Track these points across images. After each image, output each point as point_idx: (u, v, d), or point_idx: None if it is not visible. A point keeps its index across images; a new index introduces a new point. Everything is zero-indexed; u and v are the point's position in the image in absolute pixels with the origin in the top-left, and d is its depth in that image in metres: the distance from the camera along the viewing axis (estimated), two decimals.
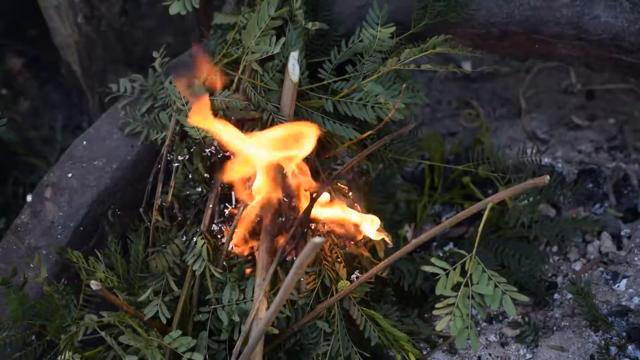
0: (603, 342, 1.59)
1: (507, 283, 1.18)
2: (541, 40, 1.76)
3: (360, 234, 1.52)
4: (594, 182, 2.05)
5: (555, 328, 1.69)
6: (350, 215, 1.51)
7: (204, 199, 1.61)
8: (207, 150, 1.56)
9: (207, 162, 1.60)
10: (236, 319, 1.42)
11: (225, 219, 1.57)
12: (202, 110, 1.43)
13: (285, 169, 1.49)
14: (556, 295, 1.77)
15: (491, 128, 2.34)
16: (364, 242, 1.56)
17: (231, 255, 1.54)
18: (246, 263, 1.53)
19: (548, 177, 1.22)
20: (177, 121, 1.61)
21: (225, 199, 1.60)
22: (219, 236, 1.55)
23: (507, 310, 1.16)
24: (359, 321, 1.48)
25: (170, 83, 1.64)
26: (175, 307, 1.49)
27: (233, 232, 1.52)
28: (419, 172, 2.18)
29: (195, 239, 1.52)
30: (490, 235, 1.85)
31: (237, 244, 1.54)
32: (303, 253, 1.03)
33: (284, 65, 1.57)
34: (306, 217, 1.50)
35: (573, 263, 1.85)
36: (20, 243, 1.60)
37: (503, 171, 1.70)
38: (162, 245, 1.56)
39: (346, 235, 1.55)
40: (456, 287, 1.19)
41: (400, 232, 1.96)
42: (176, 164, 1.61)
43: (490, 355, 1.66)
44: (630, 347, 1.58)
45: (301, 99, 1.60)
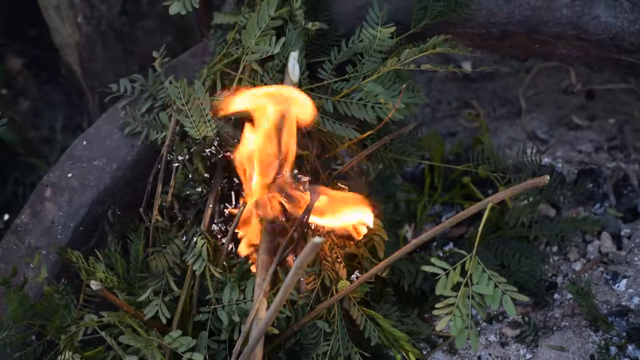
0: (603, 342, 1.59)
1: (507, 283, 1.18)
2: (541, 40, 1.76)
3: (358, 233, 1.52)
4: (594, 182, 2.05)
5: (555, 328, 1.69)
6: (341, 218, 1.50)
7: (204, 199, 1.61)
8: (207, 150, 1.56)
9: (207, 162, 1.60)
10: (236, 319, 1.42)
11: (225, 219, 1.58)
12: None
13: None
14: (556, 295, 1.77)
15: (491, 128, 2.34)
16: (364, 242, 1.56)
17: (231, 256, 1.54)
18: (246, 263, 1.53)
19: (548, 177, 1.22)
20: (177, 121, 1.61)
21: (225, 199, 1.60)
22: (219, 236, 1.55)
23: (507, 310, 1.16)
24: (359, 321, 1.48)
25: (170, 83, 1.64)
26: (175, 307, 1.48)
27: (233, 232, 1.52)
28: (419, 172, 2.18)
29: (195, 239, 1.52)
30: (490, 235, 1.85)
31: (243, 249, 1.55)
32: (303, 253, 1.03)
33: (284, 65, 1.57)
34: (306, 217, 1.49)
35: (573, 263, 1.85)
36: (20, 243, 1.60)
37: (503, 171, 1.70)
38: (162, 245, 1.56)
39: (346, 236, 1.55)
40: (456, 287, 1.19)
41: (400, 232, 1.95)
42: (176, 164, 1.61)
43: (490, 355, 1.66)
44: (630, 347, 1.58)
45: None
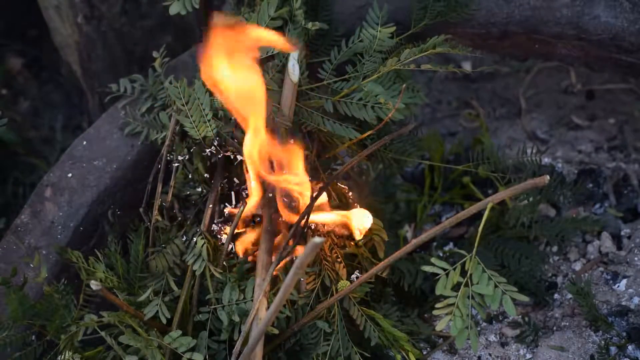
0: (603, 342, 1.59)
1: (507, 283, 1.18)
2: (541, 40, 1.76)
3: (355, 232, 1.52)
4: (594, 182, 2.05)
5: (555, 328, 1.68)
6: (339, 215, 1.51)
7: (204, 199, 1.61)
8: (207, 150, 1.56)
9: (207, 162, 1.60)
10: (236, 319, 1.42)
11: (225, 219, 1.58)
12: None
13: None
14: (556, 295, 1.77)
15: (491, 128, 2.33)
16: (364, 242, 1.56)
17: (231, 256, 1.54)
18: (246, 263, 1.53)
19: (548, 177, 1.22)
20: (177, 121, 1.61)
21: (225, 199, 1.60)
22: (219, 236, 1.55)
23: (507, 310, 1.16)
24: (359, 321, 1.48)
25: (170, 83, 1.64)
26: (175, 307, 1.48)
27: (233, 232, 1.51)
28: (419, 172, 2.18)
29: (195, 239, 1.52)
30: (490, 235, 1.85)
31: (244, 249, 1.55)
32: (303, 253, 1.03)
33: (284, 65, 1.57)
34: (306, 217, 1.50)
35: (573, 263, 1.85)
36: (20, 243, 1.60)
37: (503, 171, 1.70)
38: (162, 245, 1.56)
39: (346, 235, 1.55)
40: (456, 287, 1.19)
41: (400, 232, 1.95)
42: (176, 164, 1.61)
43: (490, 355, 1.66)
44: (630, 347, 1.58)
45: (301, 99, 1.60)
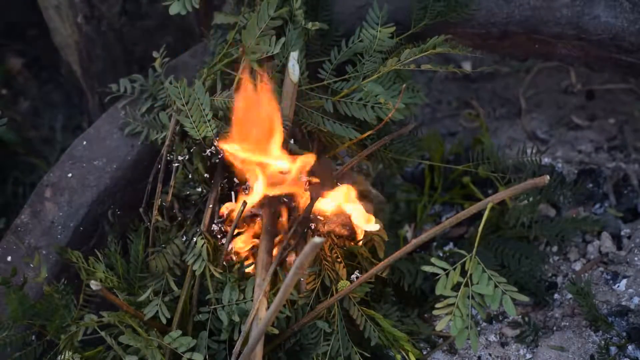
0: (603, 342, 1.59)
1: (507, 283, 1.18)
2: (541, 40, 1.76)
3: (356, 229, 1.52)
4: (594, 182, 2.05)
5: (555, 328, 1.68)
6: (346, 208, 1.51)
7: (204, 199, 1.61)
8: (207, 151, 1.56)
9: (207, 162, 1.60)
10: (236, 319, 1.42)
11: (225, 218, 1.57)
12: None
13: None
14: (556, 295, 1.77)
15: (491, 128, 2.34)
16: (364, 242, 1.56)
17: (230, 257, 1.54)
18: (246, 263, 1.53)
19: (548, 177, 1.22)
20: (177, 121, 1.61)
21: (225, 199, 1.60)
22: (219, 236, 1.55)
23: (507, 310, 1.16)
24: (359, 321, 1.48)
25: (170, 83, 1.64)
26: (175, 307, 1.48)
27: (233, 231, 1.51)
28: (419, 172, 2.18)
29: (195, 239, 1.52)
30: (490, 235, 1.85)
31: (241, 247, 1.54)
32: (303, 253, 1.03)
33: (284, 65, 1.57)
34: (306, 217, 1.50)
35: (573, 263, 1.85)
36: (20, 243, 1.60)
37: (503, 171, 1.70)
38: (162, 245, 1.56)
39: (346, 235, 1.55)
40: (456, 287, 1.19)
41: (400, 232, 1.95)
42: (176, 164, 1.61)
43: (490, 355, 1.66)
44: (630, 347, 1.58)
45: (301, 99, 1.60)
